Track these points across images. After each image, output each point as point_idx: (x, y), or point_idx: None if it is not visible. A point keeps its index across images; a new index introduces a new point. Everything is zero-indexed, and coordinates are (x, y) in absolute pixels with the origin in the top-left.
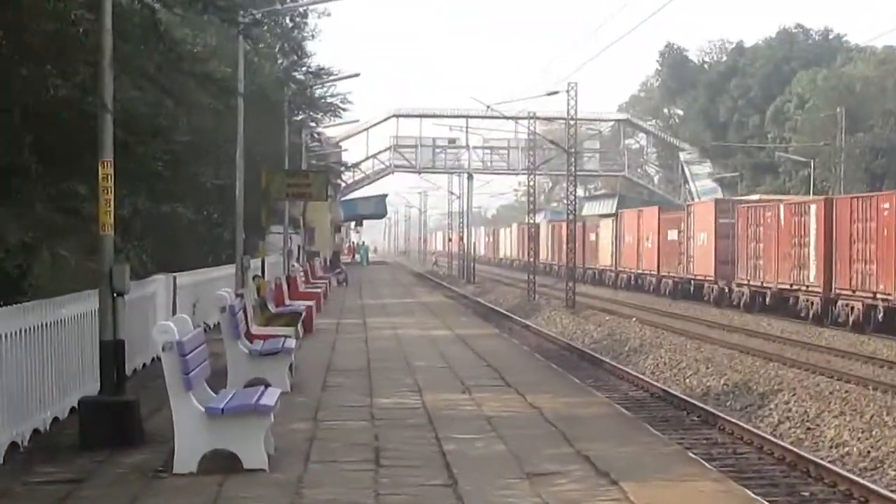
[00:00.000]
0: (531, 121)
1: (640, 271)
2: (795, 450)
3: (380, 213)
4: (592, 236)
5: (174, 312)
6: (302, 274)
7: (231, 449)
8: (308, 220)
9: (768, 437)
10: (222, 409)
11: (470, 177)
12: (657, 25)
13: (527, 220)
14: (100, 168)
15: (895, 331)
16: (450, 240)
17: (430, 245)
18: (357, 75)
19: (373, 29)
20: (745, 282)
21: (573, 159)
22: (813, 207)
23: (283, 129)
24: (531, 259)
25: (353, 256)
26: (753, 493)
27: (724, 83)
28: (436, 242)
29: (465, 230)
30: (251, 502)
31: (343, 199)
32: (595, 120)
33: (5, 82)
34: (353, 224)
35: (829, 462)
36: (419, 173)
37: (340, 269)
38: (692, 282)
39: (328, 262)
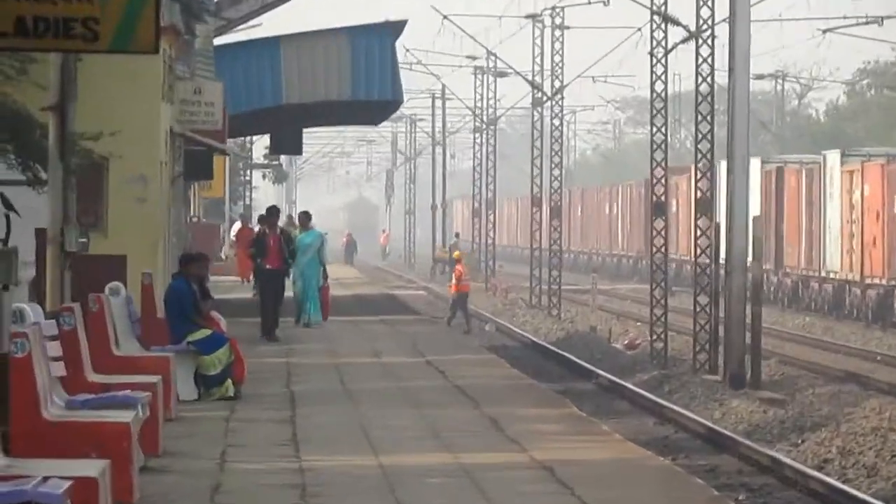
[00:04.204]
0: None
1: None
2: None
3: (378, 99)
4: None
5: None
6: (58, 347)
7: None
8: (82, 132)
9: None
10: None
11: None
12: None
13: None
14: None
15: None
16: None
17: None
18: None
19: None
20: None
21: None
22: None
23: None
24: None
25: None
26: None
27: None
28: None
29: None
30: None
31: (220, 42)
32: None
33: None
34: (259, 150)
35: None
36: None
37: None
38: None
39: (174, 303)
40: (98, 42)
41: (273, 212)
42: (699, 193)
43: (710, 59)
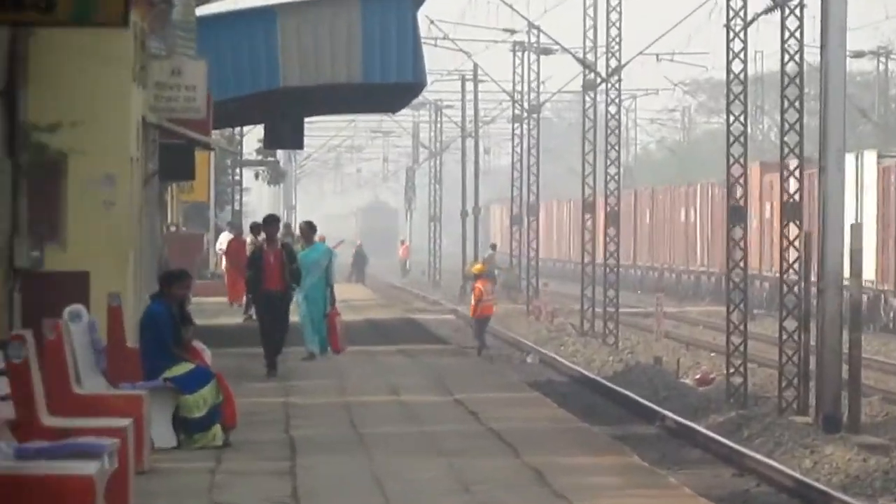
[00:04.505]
0: None
1: None
2: None
3: (396, 81)
4: None
5: None
6: (5, 384)
7: None
8: (35, 123)
9: None
10: None
11: None
12: None
13: None
14: None
15: None
16: None
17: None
18: None
19: None
20: None
21: None
22: None
23: None
24: None
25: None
26: None
27: None
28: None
29: None
30: None
31: (203, 12)
32: None
33: None
34: (251, 144)
35: None
36: None
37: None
38: None
39: (151, 330)
40: (54, 13)
41: (271, 221)
42: (786, 196)
43: (798, 34)
